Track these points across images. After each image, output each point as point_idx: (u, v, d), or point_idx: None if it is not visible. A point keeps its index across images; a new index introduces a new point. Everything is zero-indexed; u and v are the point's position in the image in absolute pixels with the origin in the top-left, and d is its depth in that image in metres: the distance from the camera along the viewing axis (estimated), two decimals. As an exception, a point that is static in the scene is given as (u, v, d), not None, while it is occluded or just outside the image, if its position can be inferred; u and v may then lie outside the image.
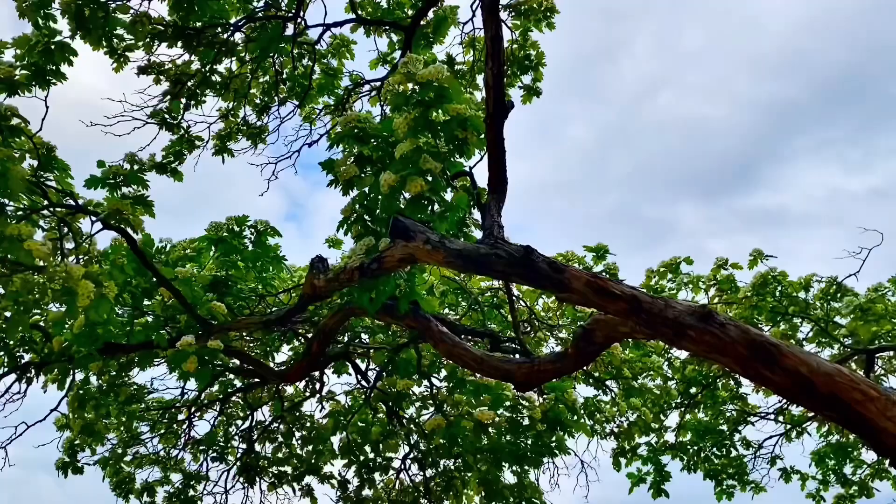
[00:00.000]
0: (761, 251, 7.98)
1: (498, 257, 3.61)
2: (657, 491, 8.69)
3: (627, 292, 3.48)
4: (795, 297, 8.52)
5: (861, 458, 9.84)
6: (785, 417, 9.56)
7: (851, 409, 3.25)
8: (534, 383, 4.80)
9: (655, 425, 8.68)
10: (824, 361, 3.43)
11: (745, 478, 9.41)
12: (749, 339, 3.33)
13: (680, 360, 8.77)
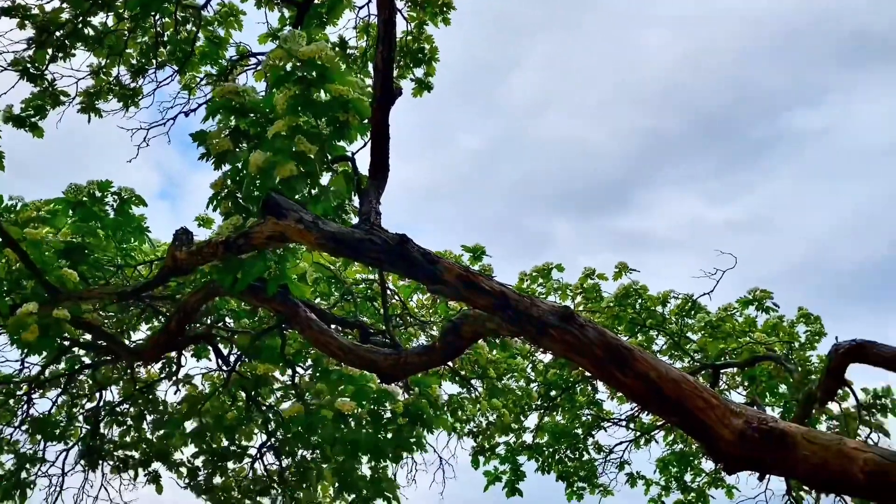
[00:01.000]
0: (626, 264, 8.37)
1: (372, 243, 3.55)
2: (511, 490, 8.91)
3: (496, 288, 3.51)
4: (653, 311, 8.99)
5: (700, 467, 10.50)
6: (636, 425, 10.06)
7: (694, 415, 3.43)
8: (399, 375, 4.77)
9: (515, 426, 8.91)
10: (673, 368, 3.60)
11: (595, 481, 9.82)
12: (606, 341, 3.45)
13: (543, 363, 9.04)
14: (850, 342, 5.63)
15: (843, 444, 3.29)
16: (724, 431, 3.40)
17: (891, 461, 3.16)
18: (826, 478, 3.25)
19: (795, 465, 3.28)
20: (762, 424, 3.36)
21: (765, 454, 3.32)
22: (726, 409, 3.45)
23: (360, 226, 3.67)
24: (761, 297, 8.33)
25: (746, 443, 3.34)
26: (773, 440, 3.32)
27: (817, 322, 9.04)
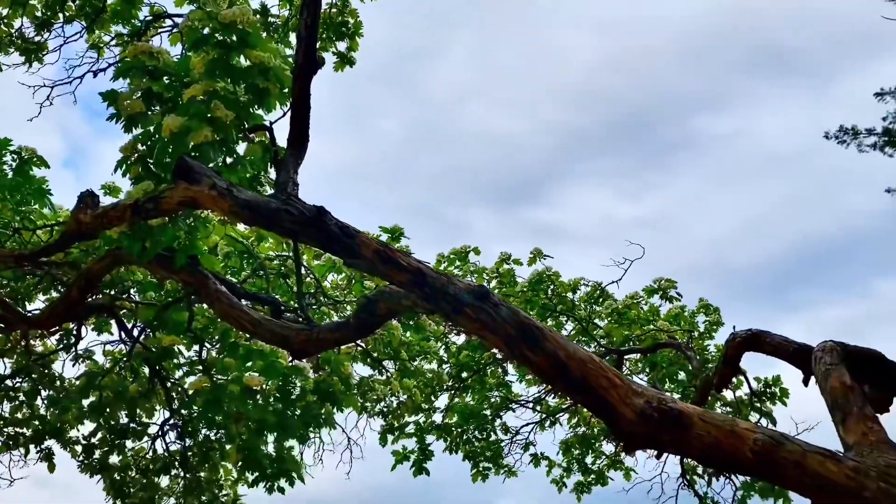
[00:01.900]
0: (540, 251, 8.55)
1: (288, 213, 3.48)
2: (419, 469, 8.98)
3: (414, 265, 3.52)
4: (564, 297, 9.23)
5: (601, 450, 10.86)
6: (542, 407, 10.32)
7: (597, 394, 3.54)
8: (311, 351, 4.72)
9: (426, 406, 8.98)
10: (580, 348, 3.71)
11: (500, 461, 10.02)
12: (518, 320, 3.52)
13: (457, 345, 9.14)
14: (746, 331, 5.93)
15: (736, 424, 3.48)
16: (626, 410, 3.52)
17: (777, 441, 3.35)
18: (718, 456, 3.43)
19: (690, 444, 3.44)
20: (661, 404, 3.50)
21: (663, 433, 3.47)
22: (629, 388, 3.58)
23: (277, 196, 3.60)
24: (665, 286, 8.68)
25: (646, 422, 3.48)
26: (670, 420, 3.47)
27: (716, 313, 9.48)
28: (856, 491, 3.18)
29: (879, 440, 3.54)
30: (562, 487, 10.79)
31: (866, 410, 3.73)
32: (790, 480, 3.34)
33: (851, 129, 14.40)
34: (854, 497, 3.18)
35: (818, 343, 4.47)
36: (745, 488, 8.64)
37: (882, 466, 3.24)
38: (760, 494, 8.56)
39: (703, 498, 8.78)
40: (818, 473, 3.24)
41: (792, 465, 3.29)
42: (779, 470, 3.32)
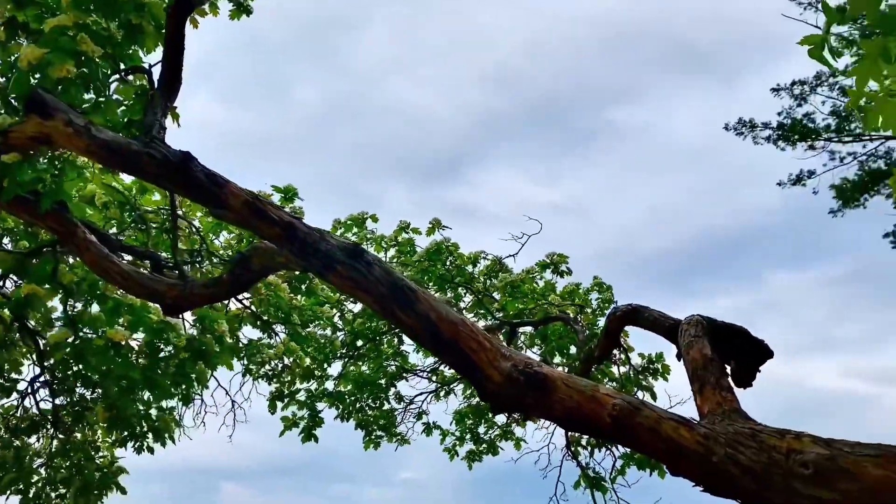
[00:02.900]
0: (439, 221, 8.53)
1: (151, 157, 3.30)
2: (308, 435, 8.89)
3: (285, 219, 3.41)
4: (463, 270, 9.27)
5: (494, 420, 11.06)
6: (438, 377, 10.39)
7: (467, 356, 3.55)
8: (185, 307, 4.55)
9: (318, 373, 8.88)
10: (453, 312, 3.70)
11: (393, 430, 10.05)
12: (391, 280, 3.47)
13: (352, 313, 9.05)
14: (626, 306, 6.11)
15: (597, 390, 3.55)
16: (493, 373, 3.55)
17: (635, 407, 3.45)
18: (578, 419, 3.50)
19: (553, 407, 3.50)
20: (527, 368, 3.55)
21: (527, 396, 3.51)
22: (497, 352, 3.61)
23: (140, 138, 3.41)
24: (558, 261, 8.84)
25: (511, 384, 3.51)
26: (535, 383, 3.51)
27: (608, 291, 9.74)
28: (705, 456, 3.31)
29: (731, 409, 3.70)
30: (453, 456, 10.94)
31: (722, 381, 3.88)
32: (645, 445, 3.44)
33: (749, 122, 15.04)
34: (703, 462, 3.31)
35: (686, 317, 4.64)
36: (625, 459, 8.97)
37: (731, 434, 3.38)
38: (638, 466, 8.91)
39: (584, 468, 9.06)
40: (671, 439, 3.35)
41: (647, 431, 3.39)
42: (635, 435, 3.41)
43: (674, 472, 3.51)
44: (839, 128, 14.73)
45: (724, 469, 3.28)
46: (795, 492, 3.15)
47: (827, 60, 2.89)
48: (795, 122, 14.70)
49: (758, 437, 3.34)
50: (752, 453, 3.26)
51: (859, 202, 15.65)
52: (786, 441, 3.27)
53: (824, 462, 3.13)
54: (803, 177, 15.50)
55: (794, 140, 14.89)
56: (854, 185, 15.30)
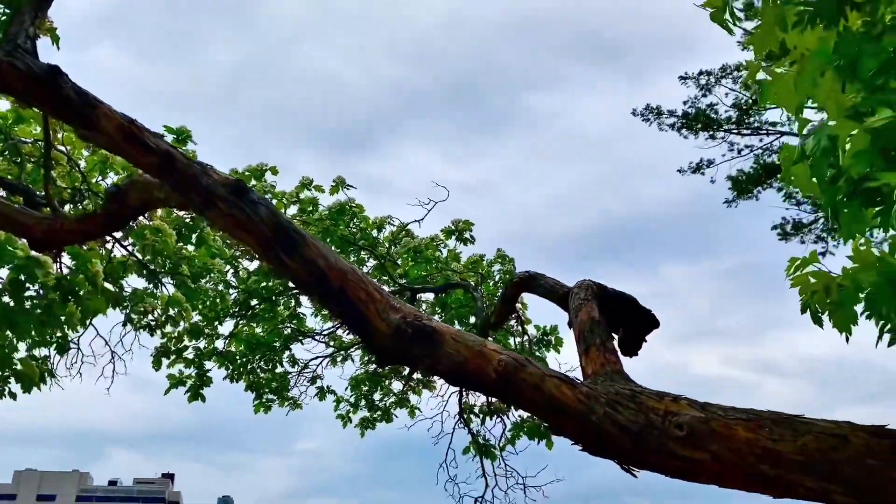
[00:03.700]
0: (343, 179, 8.31)
1: (14, 68, 2.99)
2: (195, 395, 8.57)
3: (163, 147, 3.17)
4: (367, 233, 9.10)
5: (390, 388, 11.01)
6: (335, 342, 10.22)
7: (355, 306, 3.43)
8: (54, 243, 4.21)
9: (208, 330, 8.55)
10: (343, 260, 3.57)
11: (286, 393, 9.82)
12: (276, 221, 3.30)
13: (248, 271, 8.75)
14: (524, 273, 6.14)
15: (484, 346, 3.51)
16: (381, 325, 3.45)
17: (520, 364, 3.42)
18: (464, 374, 3.45)
19: (439, 361, 3.43)
20: (416, 320, 3.46)
21: (414, 348, 3.43)
22: (387, 303, 3.51)
23: (2, 46, 3.08)
24: (462, 227, 8.81)
25: (399, 336, 3.42)
26: (423, 336, 3.44)
27: (511, 263, 9.81)
28: (585, 415, 3.32)
29: (614, 371, 3.74)
30: (346, 423, 10.83)
31: (608, 343, 3.93)
32: (528, 402, 3.43)
33: (656, 109, 15.45)
34: (583, 420, 3.32)
35: (577, 280, 4.67)
36: (515, 428, 9.10)
37: (612, 394, 3.41)
38: (528, 435, 9.07)
39: (475, 435, 9.14)
40: (554, 396, 3.35)
41: (531, 388, 3.38)
42: (518, 391, 3.39)
43: (555, 431, 3.53)
44: (739, 120, 15.36)
45: (602, 428, 3.30)
46: (669, 452, 3.21)
47: (728, 25, 2.90)
48: (699, 111, 15.22)
49: (637, 398, 3.38)
50: (631, 413, 3.30)
51: (753, 194, 16.40)
52: (664, 403, 3.33)
53: (698, 424, 3.20)
54: (703, 165, 16.10)
55: (696, 129, 15.41)
56: (749, 177, 16.01)
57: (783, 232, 16.64)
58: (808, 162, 3.46)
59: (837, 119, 2.78)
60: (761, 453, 3.09)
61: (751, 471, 3.11)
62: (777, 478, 3.06)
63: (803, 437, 3.05)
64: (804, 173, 3.54)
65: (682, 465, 3.22)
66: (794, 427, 3.10)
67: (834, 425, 3.07)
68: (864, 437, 2.97)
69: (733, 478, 3.20)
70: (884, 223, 3.29)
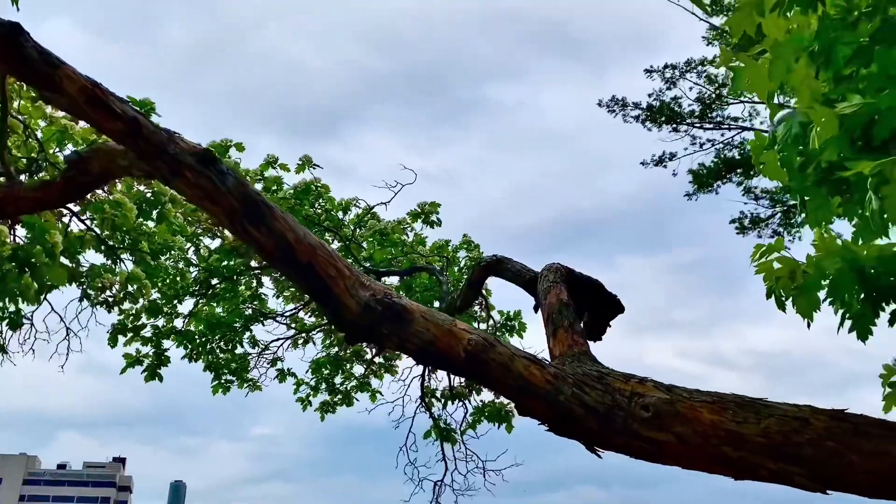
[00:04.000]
0: (310, 158, 8.19)
1: (-29, 24, 2.85)
2: (152, 374, 8.41)
3: (129, 113, 3.07)
4: (332, 214, 9.01)
5: (351, 372, 10.94)
6: (297, 325, 10.12)
7: (323, 282, 3.38)
8: (10, 211, 4.06)
9: (167, 309, 8.38)
10: (312, 235, 3.51)
11: (245, 374, 9.68)
12: (245, 193, 3.23)
13: (209, 249, 8.58)
14: (491, 256, 6.14)
15: (454, 324, 3.49)
16: (351, 302, 3.40)
17: (489, 343, 3.41)
18: (433, 352, 3.42)
19: (409, 339, 3.40)
20: (386, 297, 3.43)
21: (383, 326, 3.39)
22: (356, 280, 3.46)
23: (-42, 0, 2.94)
24: (429, 210, 8.77)
25: (369, 314, 3.38)
26: (393, 313, 3.40)
27: (476, 249, 9.81)
28: (552, 395, 3.33)
29: (582, 352, 3.76)
30: (306, 406, 10.74)
31: (575, 325, 3.94)
32: (497, 382, 3.43)
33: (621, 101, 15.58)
34: (550, 400, 3.33)
35: (546, 264, 4.68)
36: (476, 413, 9.14)
37: (579, 375, 3.42)
38: (489, 419, 9.11)
39: (436, 419, 9.16)
40: (522, 376, 3.35)
41: (500, 367, 3.37)
42: (487, 370, 3.39)
43: (522, 411, 3.53)
44: (702, 114, 15.58)
45: (569, 408, 3.31)
46: (634, 433, 3.23)
47: (704, 4, 2.91)
48: (663, 104, 15.39)
49: (604, 379, 3.40)
50: (598, 394, 3.31)
51: (712, 188, 16.67)
52: (630, 385, 3.35)
53: (664, 406, 3.23)
54: (665, 158, 16.31)
55: (660, 122, 15.60)
56: (709, 171, 16.26)
57: (741, 226, 16.96)
58: (778, 149, 3.50)
59: (810, 105, 2.81)
60: (725, 435, 3.13)
61: (714, 452, 3.15)
62: (740, 460, 3.11)
63: (766, 419, 3.10)
64: (773, 160, 3.59)
65: (647, 446, 3.25)
66: (757, 410, 3.15)
67: (795, 409, 3.13)
68: (824, 421, 3.03)
69: (697, 459, 3.24)
70: (848, 212, 3.36)
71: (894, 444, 2.92)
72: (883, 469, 2.91)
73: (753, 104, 15.46)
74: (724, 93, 15.47)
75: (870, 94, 2.66)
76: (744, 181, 16.45)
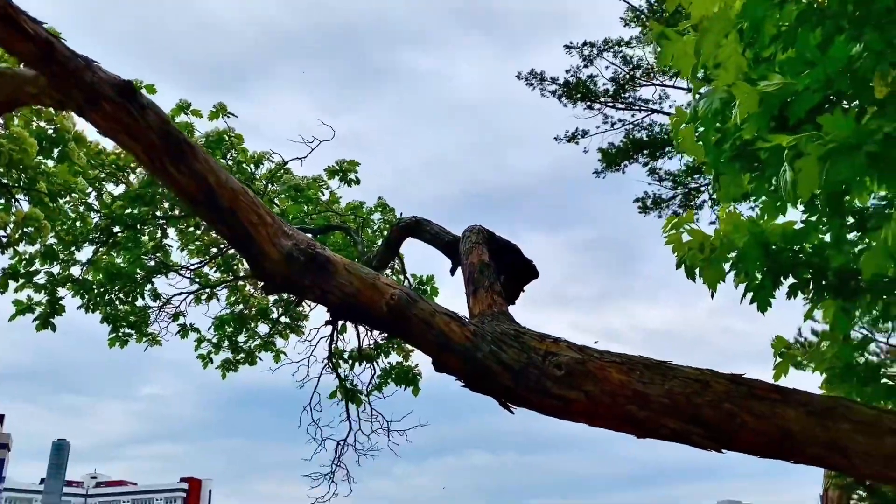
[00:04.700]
0: (225, 106, 7.89)
1: None
2: (44, 323, 7.98)
3: (42, 34, 2.87)
4: (244, 167, 8.74)
5: (256, 331, 10.72)
6: (201, 280, 9.82)
7: (244, 228, 3.29)
8: None
9: (64, 255, 7.95)
10: (234, 179, 3.40)
11: (144, 328, 9.34)
12: (167, 130, 3.09)
13: (112, 195, 8.17)
14: (411, 217, 6.14)
15: (378, 279, 3.48)
16: (272, 250, 3.33)
17: (412, 299, 3.43)
18: (356, 306, 3.40)
19: (331, 291, 3.37)
20: (310, 248, 3.38)
21: (305, 277, 3.34)
22: (279, 228, 3.39)
23: None
24: (348, 168, 8.64)
25: (290, 263, 3.32)
26: (316, 264, 3.36)
27: (391, 213, 9.77)
28: (471, 351, 3.39)
29: (501, 312, 3.83)
30: (207, 363, 10.47)
31: (495, 285, 4.01)
32: (417, 337, 3.45)
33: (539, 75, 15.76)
34: (468, 357, 3.39)
35: (469, 225, 4.73)
36: (384, 375, 9.18)
37: (497, 333, 3.49)
38: (396, 381, 9.17)
39: (343, 380, 9.13)
40: (442, 332, 3.39)
41: (421, 322, 3.39)
42: (409, 325, 3.40)
43: (439, 367, 3.57)
44: (616, 94, 16.00)
45: (486, 365, 3.38)
46: (546, 391, 3.33)
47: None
48: (580, 81, 15.71)
49: (521, 338, 3.48)
50: (514, 353, 3.39)
51: (620, 167, 17.21)
52: (545, 344, 3.45)
53: (576, 365, 3.34)
54: (578, 135, 16.69)
55: (575, 99, 15.92)
56: (618, 151, 16.77)
57: (644, 206, 17.61)
58: (697, 124, 3.64)
59: (734, 81, 2.93)
60: (632, 395, 3.27)
61: (621, 411, 3.29)
62: (645, 419, 3.26)
63: (671, 381, 3.26)
64: (691, 135, 3.73)
65: (558, 403, 3.36)
66: (663, 372, 3.30)
67: (698, 372, 3.30)
68: (724, 384, 3.21)
69: (604, 417, 3.38)
70: (757, 189, 3.54)
71: (783, 408, 3.12)
72: (772, 430, 3.12)
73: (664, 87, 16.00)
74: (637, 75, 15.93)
75: (790, 75, 2.80)
76: (650, 162, 17.05)
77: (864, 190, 3.12)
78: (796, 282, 3.49)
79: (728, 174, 3.51)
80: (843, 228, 3.47)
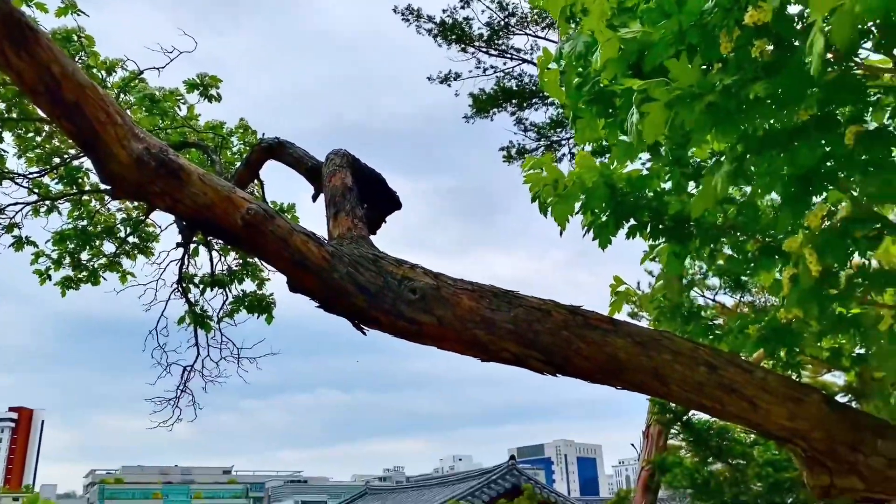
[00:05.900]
0: (75, 3, 7.20)
1: None
2: None
3: None
4: (95, 74, 8.09)
5: (101, 249, 10.11)
6: (41, 190, 9.10)
7: (91, 126, 3.09)
8: None
9: None
10: (82, 73, 3.17)
11: (-28, 238, 8.58)
12: (8, 11, 2.81)
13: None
14: (273, 139, 5.97)
15: (234, 192, 3.39)
16: (121, 153, 3.15)
17: (269, 215, 3.37)
18: (208, 217, 3.31)
19: (183, 200, 3.25)
20: (162, 153, 3.23)
21: (156, 183, 3.20)
22: (130, 131, 3.21)
23: None
24: (209, 83, 8.20)
25: (140, 168, 3.17)
26: (168, 171, 3.22)
27: (253, 135, 9.42)
28: (328, 272, 3.40)
29: (360, 236, 3.85)
30: (45, 280, 9.80)
31: (357, 210, 4.02)
32: (273, 254, 3.41)
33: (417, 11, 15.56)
34: (325, 277, 3.39)
35: (333, 149, 4.68)
36: (236, 302, 9.00)
37: (356, 255, 3.52)
38: (248, 309, 9.03)
39: (192, 304, 8.87)
40: (299, 250, 3.37)
41: (277, 239, 3.35)
42: (265, 241, 3.35)
43: (294, 287, 3.55)
44: (489, 40, 16.11)
45: (342, 286, 3.41)
46: (400, 313, 3.42)
47: None
48: (455, 22, 15.67)
49: (379, 262, 3.53)
50: (371, 275, 3.44)
51: (489, 114, 17.46)
52: (402, 269, 3.52)
53: (430, 290, 3.44)
54: (451, 77, 16.72)
55: (450, 40, 15.89)
56: (488, 97, 16.98)
57: (508, 155, 18.04)
58: (561, 66, 3.77)
59: (598, 26, 3.06)
60: (480, 320, 3.42)
61: (469, 336, 3.44)
62: (489, 342, 3.43)
63: (516, 309, 3.43)
64: (555, 78, 3.87)
65: (410, 325, 3.46)
66: (510, 300, 3.48)
67: (541, 301, 3.50)
68: (563, 314, 3.43)
69: (453, 341, 3.52)
70: (611, 135, 3.74)
71: (614, 337, 3.38)
72: (602, 357, 3.37)
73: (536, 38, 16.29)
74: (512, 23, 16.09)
75: (648, 24, 2.96)
76: (517, 112, 17.42)
77: (703, 141, 3.38)
78: (636, 223, 3.75)
79: (585, 117, 3.67)
80: (683, 177, 3.75)
